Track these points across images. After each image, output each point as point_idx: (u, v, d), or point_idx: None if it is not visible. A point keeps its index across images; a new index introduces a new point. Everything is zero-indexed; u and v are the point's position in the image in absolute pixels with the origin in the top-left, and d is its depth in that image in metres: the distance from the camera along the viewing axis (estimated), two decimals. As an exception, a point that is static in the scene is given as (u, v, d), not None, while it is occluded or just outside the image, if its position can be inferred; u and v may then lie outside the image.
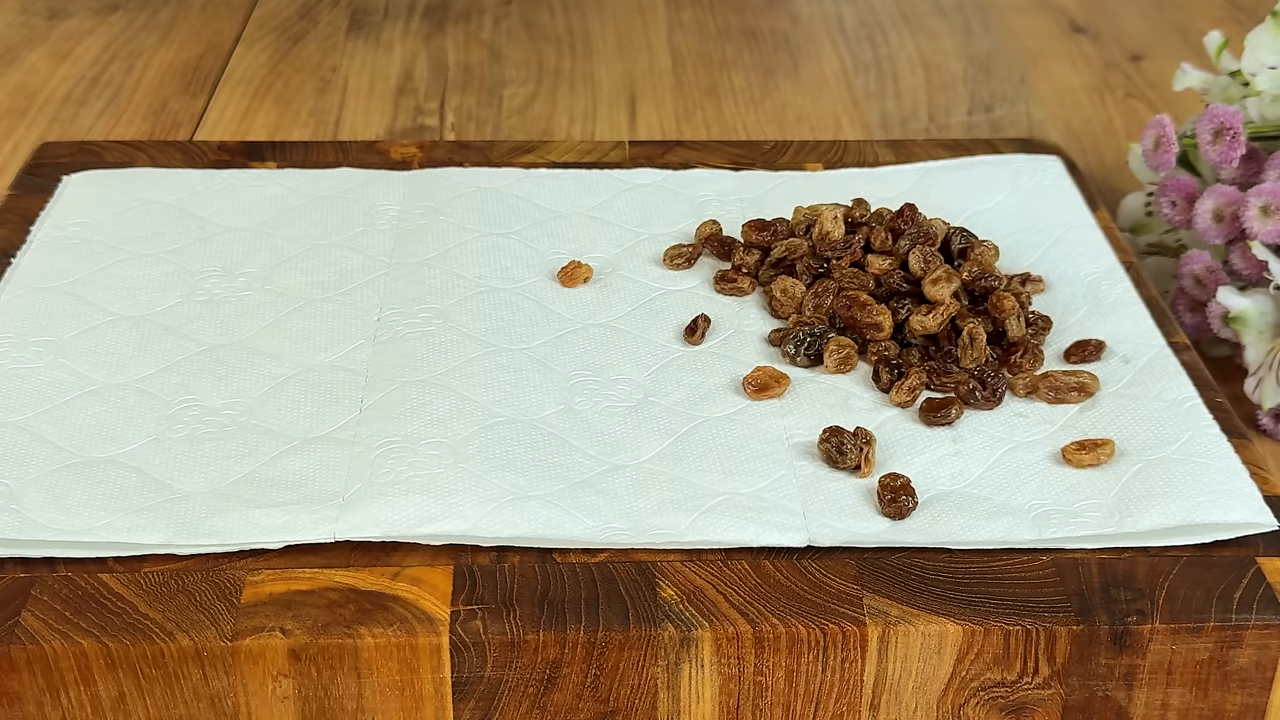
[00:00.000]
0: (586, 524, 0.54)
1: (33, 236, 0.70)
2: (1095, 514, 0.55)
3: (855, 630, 0.50)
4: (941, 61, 1.02)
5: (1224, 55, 0.75)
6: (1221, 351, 0.71)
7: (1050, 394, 0.61)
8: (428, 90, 0.98)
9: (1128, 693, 0.52)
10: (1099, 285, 0.68)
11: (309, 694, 0.50)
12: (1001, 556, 0.53)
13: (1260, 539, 0.54)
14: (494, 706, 0.51)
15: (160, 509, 0.54)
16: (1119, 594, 0.52)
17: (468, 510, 0.54)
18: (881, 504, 0.55)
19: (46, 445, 0.57)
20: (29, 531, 0.53)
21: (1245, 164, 0.70)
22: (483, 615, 0.50)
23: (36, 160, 0.76)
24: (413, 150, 0.79)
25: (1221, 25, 1.03)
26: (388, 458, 0.56)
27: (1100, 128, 0.94)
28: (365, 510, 0.53)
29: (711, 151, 0.79)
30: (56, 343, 0.63)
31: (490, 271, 0.68)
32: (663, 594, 0.51)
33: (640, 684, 0.51)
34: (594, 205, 0.74)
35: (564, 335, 0.64)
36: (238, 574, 0.52)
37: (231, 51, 1.03)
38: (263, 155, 0.78)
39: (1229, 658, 0.51)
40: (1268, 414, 0.67)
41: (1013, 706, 0.52)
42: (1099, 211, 0.73)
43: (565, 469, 0.56)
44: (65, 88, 0.97)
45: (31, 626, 0.49)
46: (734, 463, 0.57)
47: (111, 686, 0.50)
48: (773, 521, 0.54)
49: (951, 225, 0.67)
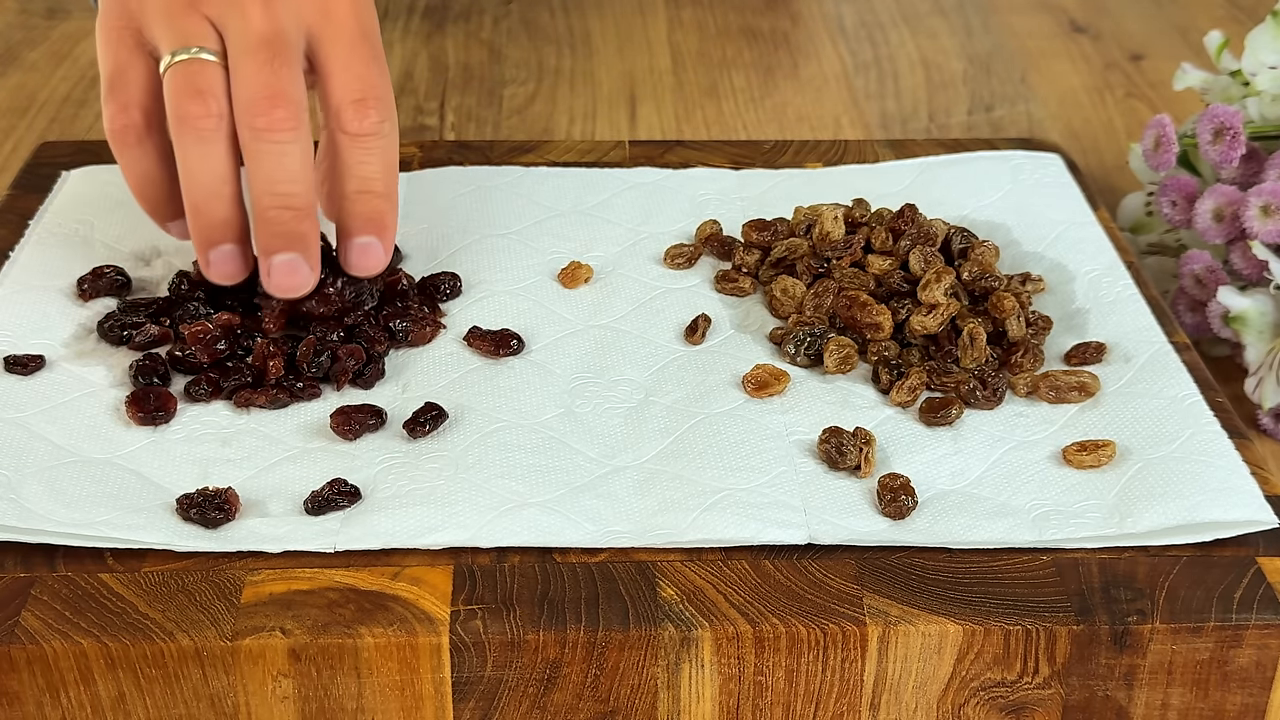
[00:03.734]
0: (587, 528, 0.54)
1: (30, 232, 0.70)
2: (1096, 514, 0.55)
3: (855, 630, 0.50)
4: (941, 61, 1.02)
5: (1224, 55, 0.75)
6: (1221, 351, 0.71)
7: (1051, 394, 0.61)
8: (428, 90, 0.98)
9: (1128, 693, 0.52)
10: (1099, 283, 0.68)
11: (309, 694, 0.50)
12: (1001, 556, 0.53)
13: (1260, 539, 0.54)
14: (494, 706, 0.51)
15: (160, 510, 0.54)
16: (1119, 594, 0.52)
17: (467, 520, 0.54)
18: (881, 504, 0.55)
19: (45, 443, 0.57)
20: (28, 520, 0.53)
21: (1245, 164, 0.70)
22: (483, 615, 0.50)
23: (36, 160, 0.76)
24: (413, 150, 0.79)
25: (1221, 25, 1.02)
26: (389, 473, 0.56)
27: (1100, 128, 0.94)
28: (366, 523, 0.53)
29: (711, 151, 0.79)
30: (54, 343, 0.63)
31: (491, 272, 0.68)
32: (663, 594, 0.51)
33: (640, 684, 0.51)
34: (594, 204, 0.74)
35: (564, 337, 0.64)
36: (238, 574, 0.52)
37: (231, 51, 1.03)
38: (263, 155, 0.78)
39: (1229, 658, 0.51)
40: (1268, 414, 0.67)
41: (1013, 706, 0.52)
42: (1099, 211, 0.73)
43: (566, 473, 0.56)
44: (65, 88, 0.97)
45: (31, 626, 0.49)
46: (734, 459, 0.57)
47: (111, 686, 0.50)
48: (774, 518, 0.54)
49: (952, 225, 0.67)
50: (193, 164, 0.59)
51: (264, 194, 0.59)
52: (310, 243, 0.60)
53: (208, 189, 0.60)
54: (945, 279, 0.63)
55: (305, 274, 0.60)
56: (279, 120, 0.59)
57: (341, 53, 0.61)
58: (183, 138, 0.59)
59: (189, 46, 0.59)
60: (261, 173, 0.59)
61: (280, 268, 0.60)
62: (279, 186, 0.59)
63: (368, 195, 0.62)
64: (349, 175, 0.61)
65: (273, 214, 0.59)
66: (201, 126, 0.59)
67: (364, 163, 0.61)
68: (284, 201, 0.59)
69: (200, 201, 0.60)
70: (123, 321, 0.63)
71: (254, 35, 0.59)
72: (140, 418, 0.58)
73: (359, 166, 0.61)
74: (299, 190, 0.59)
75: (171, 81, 0.60)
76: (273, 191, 0.59)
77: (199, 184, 0.60)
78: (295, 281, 0.60)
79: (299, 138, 0.59)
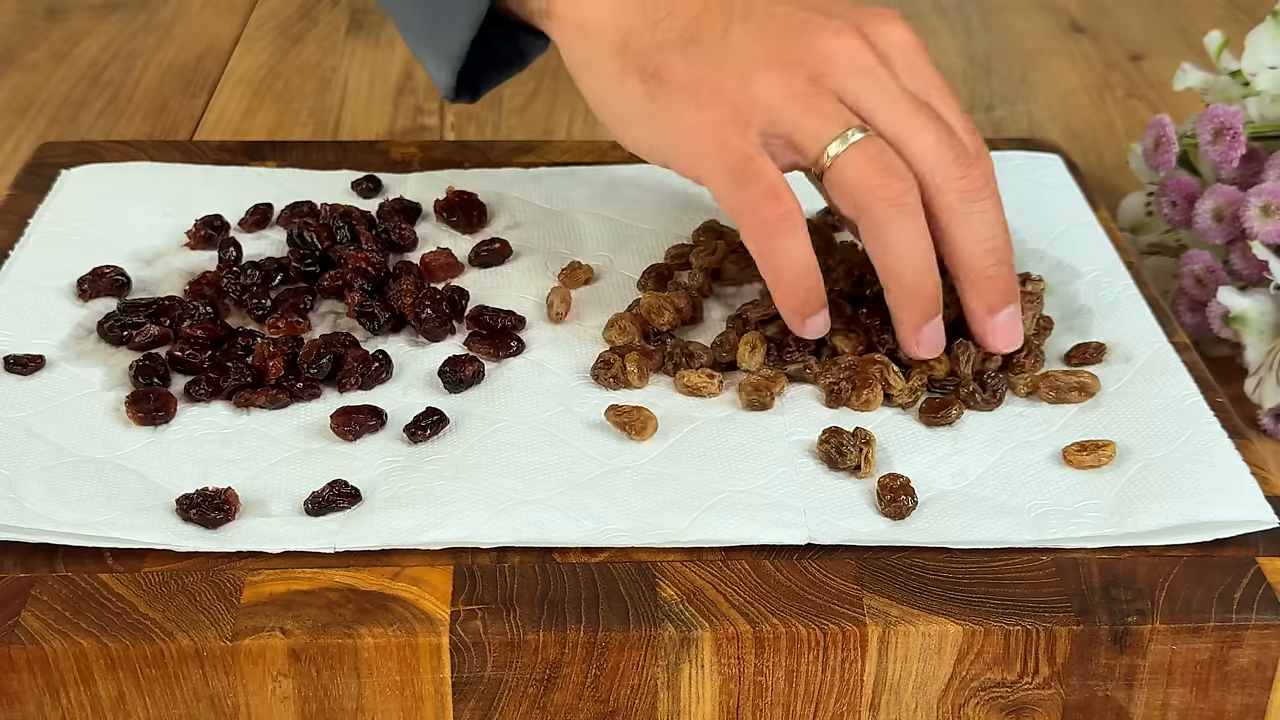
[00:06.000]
0: (586, 526, 0.54)
1: (30, 232, 0.70)
2: (1096, 514, 0.55)
3: (855, 630, 0.50)
4: (941, 61, 1.02)
5: (1224, 55, 0.75)
6: (1221, 351, 0.71)
7: (1051, 394, 0.61)
8: (428, 90, 0.98)
9: (1128, 693, 0.52)
10: (1099, 283, 0.68)
11: (309, 694, 0.50)
12: (1001, 556, 0.53)
13: (1260, 539, 0.54)
14: (494, 707, 0.51)
15: (160, 510, 0.54)
16: (1119, 594, 0.52)
17: (467, 518, 0.54)
18: (881, 504, 0.55)
19: (45, 443, 0.57)
20: (28, 520, 0.53)
21: (1245, 164, 0.70)
22: (483, 615, 0.50)
23: (36, 160, 0.76)
24: (413, 150, 0.79)
25: (1221, 25, 1.02)
26: (389, 475, 0.56)
27: (1100, 128, 0.94)
28: (366, 523, 0.53)
29: (711, 151, 0.79)
30: (54, 343, 0.63)
31: (491, 272, 0.68)
32: (663, 594, 0.51)
33: (640, 684, 0.51)
34: (594, 204, 0.74)
35: (563, 337, 0.64)
36: (238, 574, 0.52)
37: (231, 51, 1.03)
38: (263, 155, 0.78)
39: (1229, 658, 0.51)
40: (1268, 414, 0.67)
41: (1013, 706, 0.52)
42: (1099, 211, 0.73)
43: (565, 470, 0.56)
44: (65, 88, 0.97)
45: (31, 626, 0.49)
46: (734, 459, 0.57)
47: (111, 686, 0.50)
48: (774, 519, 0.54)
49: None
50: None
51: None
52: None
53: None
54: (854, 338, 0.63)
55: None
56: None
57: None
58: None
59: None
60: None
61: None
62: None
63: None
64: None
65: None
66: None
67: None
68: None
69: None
70: (123, 321, 0.63)
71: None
72: (140, 418, 0.58)
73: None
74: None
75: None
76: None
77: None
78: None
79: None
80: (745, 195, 0.59)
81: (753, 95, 0.59)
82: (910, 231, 0.58)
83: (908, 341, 0.60)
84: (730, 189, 0.59)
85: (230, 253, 0.68)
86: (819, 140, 0.59)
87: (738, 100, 0.59)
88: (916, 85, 0.61)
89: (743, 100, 0.59)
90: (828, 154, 0.59)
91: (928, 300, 0.59)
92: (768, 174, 0.59)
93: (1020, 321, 0.61)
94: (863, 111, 0.59)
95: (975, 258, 0.59)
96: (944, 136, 0.59)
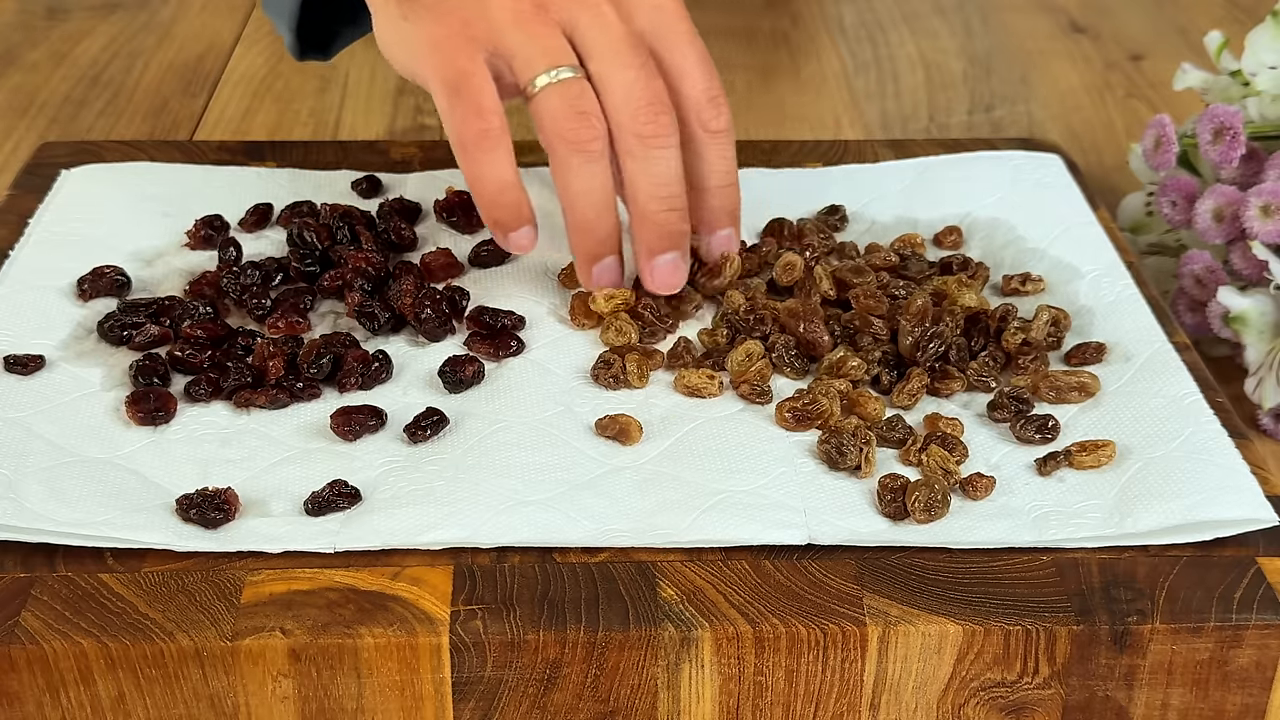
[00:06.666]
0: (586, 526, 0.54)
1: (30, 232, 0.70)
2: (1096, 514, 0.55)
3: (855, 630, 0.50)
4: (941, 61, 1.02)
5: (1224, 55, 0.75)
6: (1221, 351, 0.71)
7: (1051, 394, 0.61)
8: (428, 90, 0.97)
9: (1128, 693, 0.52)
10: (1099, 283, 0.68)
11: (309, 694, 0.50)
12: (1001, 556, 0.53)
13: (1260, 539, 0.54)
14: (494, 707, 0.51)
15: (160, 510, 0.54)
16: (1119, 594, 0.52)
17: (467, 518, 0.54)
18: (881, 504, 0.55)
19: (44, 443, 0.57)
20: (28, 520, 0.53)
21: (1245, 164, 0.70)
22: (483, 615, 0.50)
23: (36, 160, 0.76)
24: (413, 150, 0.79)
25: (1221, 25, 1.02)
26: (389, 475, 0.56)
27: (1100, 128, 0.94)
28: (366, 523, 0.53)
29: (711, 151, 0.79)
30: (54, 342, 0.63)
31: (491, 273, 0.68)
32: (663, 594, 0.51)
33: (640, 684, 0.51)
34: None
35: (564, 337, 0.64)
36: (238, 574, 0.52)
37: (231, 51, 1.03)
38: (263, 155, 0.78)
39: (1229, 658, 0.51)
40: (1268, 414, 0.67)
41: (1013, 706, 0.52)
42: (1099, 211, 0.73)
43: (565, 470, 0.56)
44: (65, 88, 0.97)
45: (31, 626, 0.49)
46: (734, 459, 0.57)
47: (111, 686, 0.50)
48: (774, 519, 0.54)
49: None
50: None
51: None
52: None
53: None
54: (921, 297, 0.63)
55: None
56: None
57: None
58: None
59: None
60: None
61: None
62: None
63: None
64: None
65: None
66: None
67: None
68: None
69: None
70: (123, 321, 0.63)
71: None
72: (140, 418, 0.58)
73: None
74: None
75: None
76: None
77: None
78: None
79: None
80: (454, 110, 0.61)
81: (487, 14, 0.62)
82: (588, 174, 0.61)
83: (583, 277, 0.64)
84: (443, 102, 0.62)
85: (230, 253, 0.68)
86: (530, 70, 0.61)
87: (470, 17, 0.62)
88: (652, 24, 0.62)
89: (476, 18, 0.62)
90: (534, 84, 0.61)
91: (600, 240, 0.63)
92: (481, 91, 0.61)
93: (683, 269, 0.63)
94: (580, 46, 0.62)
95: (645, 200, 0.62)
96: (643, 80, 0.61)
